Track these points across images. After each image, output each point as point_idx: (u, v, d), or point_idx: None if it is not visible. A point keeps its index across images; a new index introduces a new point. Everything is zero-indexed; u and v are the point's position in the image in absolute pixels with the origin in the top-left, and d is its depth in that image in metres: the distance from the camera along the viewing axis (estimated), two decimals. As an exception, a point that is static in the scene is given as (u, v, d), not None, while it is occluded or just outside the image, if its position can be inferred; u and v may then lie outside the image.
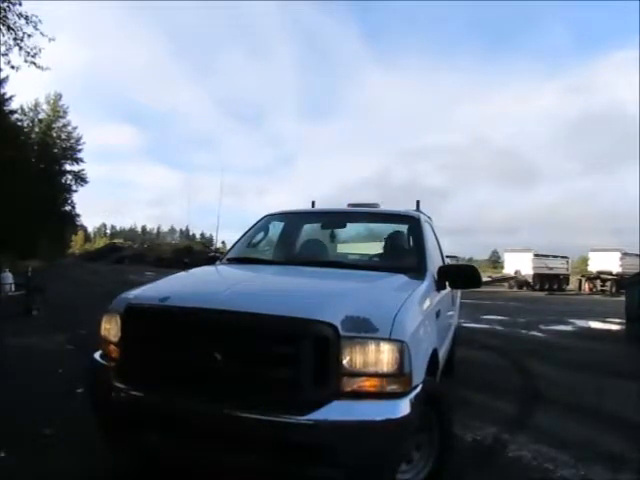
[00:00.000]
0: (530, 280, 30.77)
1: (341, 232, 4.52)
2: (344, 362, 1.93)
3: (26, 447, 2.96)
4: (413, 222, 3.70)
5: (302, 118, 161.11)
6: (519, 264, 31.28)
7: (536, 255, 31.30)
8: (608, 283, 30.59)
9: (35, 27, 13.93)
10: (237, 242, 3.92)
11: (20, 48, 13.97)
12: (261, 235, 4.01)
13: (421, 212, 4.16)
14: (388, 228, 4.03)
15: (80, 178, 44.34)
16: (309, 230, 4.43)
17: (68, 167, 44.31)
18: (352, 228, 4.56)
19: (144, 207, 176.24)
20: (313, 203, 4.74)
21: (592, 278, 31.84)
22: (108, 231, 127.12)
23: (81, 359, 5.66)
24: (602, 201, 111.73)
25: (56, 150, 43.47)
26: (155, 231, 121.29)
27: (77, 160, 44.34)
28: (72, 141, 44.49)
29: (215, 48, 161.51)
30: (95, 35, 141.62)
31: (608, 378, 5.65)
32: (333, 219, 4.28)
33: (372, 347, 1.96)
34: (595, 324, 12.15)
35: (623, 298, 10.46)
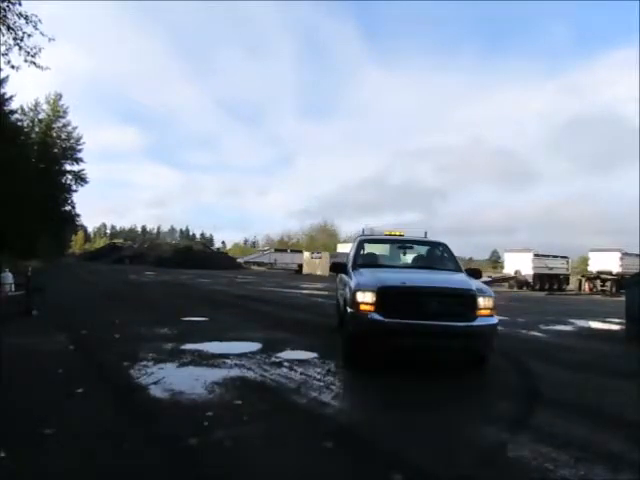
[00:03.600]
0: (530, 280, 30.71)
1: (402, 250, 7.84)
2: (479, 304, 5.22)
3: (26, 447, 2.96)
4: (444, 245, 7.32)
5: (302, 117, 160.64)
6: (519, 264, 31.24)
7: (536, 255, 31.24)
8: (608, 283, 30.53)
9: (35, 27, 14.00)
10: (357, 255, 6.98)
11: (20, 48, 14.02)
12: (363, 250, 7.25)
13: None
14: (427, 248, 7.52)
15: (80, 178, 44.39)
16: (391, 248, 7.74)
17: (68, 167, 44.41)
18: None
19: (144, 207, 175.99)
20: (363, 230, 8.17)
21: (592, 278, 31.77)
22: (108, 231, 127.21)
23: (81, 359, 5.67)
24: (602, 201, 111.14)
25: (56, 150, 43.49)
26: (155, 231, 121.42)
27: (77, 160, 44.42)
28: (72, 141, 44.52)
29: (214, 48, 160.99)
30: (95, 36, 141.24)
31: (608, 378, 5.66)
32: (404, 244, 7.68)
33: (487, 298, 5.31)
34: (595, 324, 12.16)
35: (623, 298, 10.43)
